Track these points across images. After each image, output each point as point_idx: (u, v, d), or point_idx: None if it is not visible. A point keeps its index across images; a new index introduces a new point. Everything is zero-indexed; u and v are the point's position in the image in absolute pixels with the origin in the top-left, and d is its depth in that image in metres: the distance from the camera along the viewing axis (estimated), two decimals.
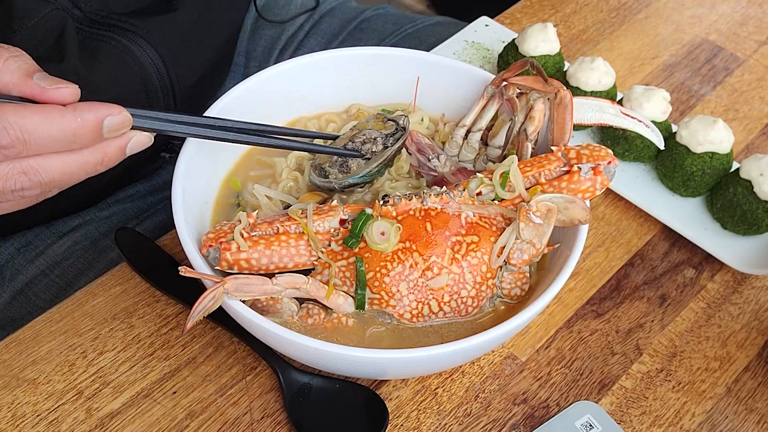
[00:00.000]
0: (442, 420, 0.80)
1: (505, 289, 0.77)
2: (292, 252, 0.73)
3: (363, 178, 0.80)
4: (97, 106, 0.63)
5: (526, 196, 0.75)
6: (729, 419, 0.82)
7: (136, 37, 0.94)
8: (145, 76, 0.95)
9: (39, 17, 0.87)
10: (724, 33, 1.28)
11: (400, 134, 0.82)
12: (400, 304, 0.73)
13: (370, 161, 0.80)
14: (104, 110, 0.63)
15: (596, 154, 0.77)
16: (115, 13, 0.94)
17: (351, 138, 0.82)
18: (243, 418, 0.78)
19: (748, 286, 0.94)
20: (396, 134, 0.82)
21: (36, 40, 0.87)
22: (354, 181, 0.80)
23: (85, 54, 0.91)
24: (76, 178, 0.65)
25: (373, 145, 0.81)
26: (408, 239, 0.73)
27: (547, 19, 1.27)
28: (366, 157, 0.81)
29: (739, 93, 1.18)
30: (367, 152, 0.81)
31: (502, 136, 0.85)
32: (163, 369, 0.81)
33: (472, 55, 1.16)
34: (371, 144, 0.81)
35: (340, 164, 0.81)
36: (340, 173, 0.81)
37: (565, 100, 0.81)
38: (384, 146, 0.81)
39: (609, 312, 0.90)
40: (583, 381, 0.84)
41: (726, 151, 0.97)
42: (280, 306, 0.73)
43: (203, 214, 0.82)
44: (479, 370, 0.83)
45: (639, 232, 0.98)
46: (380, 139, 0.81)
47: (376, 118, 0.84)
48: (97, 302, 0.85)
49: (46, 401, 0.78)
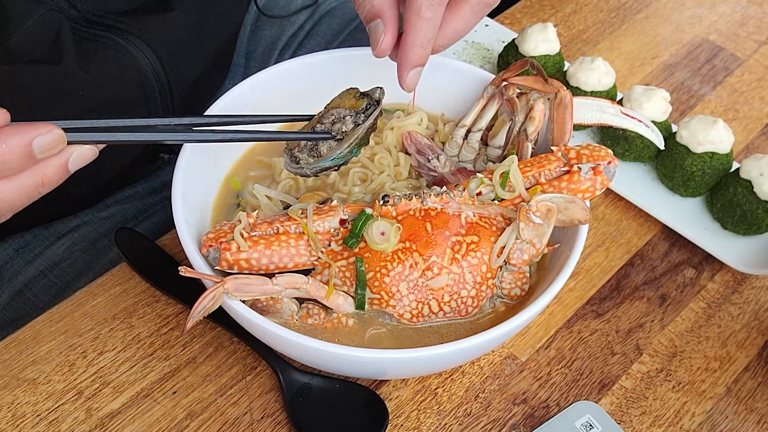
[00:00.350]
0: (442, 420, 0.80)
1: (505, 289, 0.77)
2: (292, 252, 0.73)
3: (334, 161, 0.76)
4: (23, 129, 0.59)
5: (526, 196, 0.75)
6: (729, 419, 0.82)
7: (133, 37, 0.94)
8: (142, 77, 0.95)
9: (35, 19, 0.86)
10: (724, 33, 1.28)
11: (372, 109, 0.77)
12: (400, 304, 0.73)
13: (341, 142, 0.76)
14: (31, 132, 0.59)
15: (596, 154, 0.77)
16: (111, 12, 0.94)
17: (320, 118, 0.78)
18: (243, 418, 0.78)
19: (748, 286, 0.94)
20: (368, 111, 0.77)
21: (32, 42, 0.87)
22: (325, 165, 0.76)
23: (82, 55, 0.90)
24: (20, 204, 0.62)
25: (342, 125, 0.76)
26: (408, 239, 0.73)
27: (547, 19, 1.27)
28: (338, 138, 0.76)
29: (739, 93, 1.18)
30: (338, 132, 0.76)
31: (502, 136, 0.85)
32: (163, 369, 0.81)
33: (472, 55, 1.16)
34: (341, 123, 0.76)
35: (311, 148, 0.76)
36: (310, 158, 0.76)
37: (565, 100, 0.81)
38: (355, 124, 0.76)
39: (609, 312, 0.90)
40: (583, 381, 0.84)
41: (726, 151, 0.97)
42: (280, 306, 0.73)
43: (203, 214, 0.82)
44: (479, 370, 0.83)
45: (639, 232, 0.98)
46: (350, 117, 0.76)
47: (348, 94, 0.79)
48: (97, 302, 0.85)
49: (46, 401, 0.78)
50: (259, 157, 0.89)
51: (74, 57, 0.89)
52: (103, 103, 0.93)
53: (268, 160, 0.88)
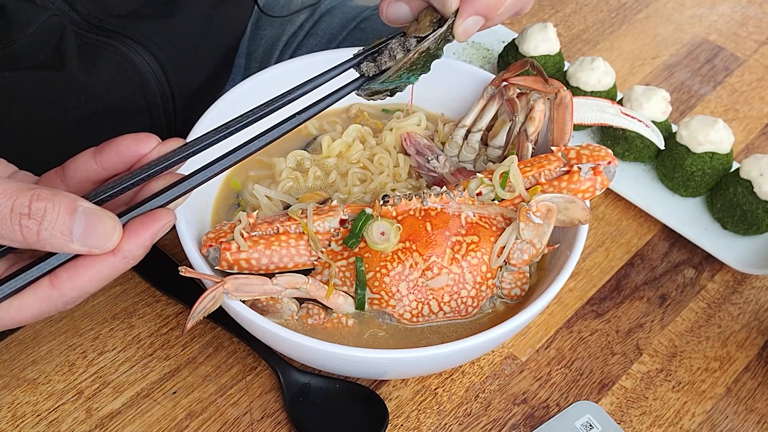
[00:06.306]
0: (442, 420, 0.80)
1: (505, 289, 0.77)
2: (292, 252, 0.73)
3: (383, 85, 0.71)
4: (142, 239, 0.56)
5: (526, 196, 0.75)
6: (729, 419, 0.82)
7: (134, 43, 0.94)
8: (143, 83, 0.95)
9: (37, 25, 0.86)
10: (724, 33, 1.28)
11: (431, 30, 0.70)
12: (400, 304, 0.73)
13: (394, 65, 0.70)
14: (149, 239, 0.57)
15: (596, 154, 0.77)
16: (112, 16, 0.94)
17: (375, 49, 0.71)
18: (243, 418, 0.78)
19: (748, 286, 0.94)
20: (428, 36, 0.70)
21: (35, 48, 0.87)
22: (375, 88, 0.71)
23: (84, 60, 0.90)
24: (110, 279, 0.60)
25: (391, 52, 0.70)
26: (408, 239, 0.73)
27: (547, 19, 1.27)
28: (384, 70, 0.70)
29: (739, 93, 1.18)
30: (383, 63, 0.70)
31: (503, 137, 0.85)
32: (163, 369, 0.81)
33: (472, 55, 1.16)
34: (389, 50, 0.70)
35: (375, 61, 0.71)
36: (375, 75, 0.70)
37: (565, 100, 0.81)
38: (406, 50, 0.70)
39: (609, 312, 0.90)
40: (583, 381, 0.84)
41: (726, 151, 0.97)
42: (280, 306, 0.73)
43: (203, 214, 0.82)
44: (479, 370, 0.83)
45: (639, 232, 0.98)
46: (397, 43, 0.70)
47: (425, 16, 0.72)
48: (97, 302, 0.85)
49: (46, 401, 0.78)
50: (260, 157, 0.89)
51: (76, 63, 0.89)
52: (104, 109, 0.93)
53: (268, 160, 0.88)
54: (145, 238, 0.56)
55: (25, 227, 0.52)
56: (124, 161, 0.60)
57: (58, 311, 0.57)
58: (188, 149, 0.61)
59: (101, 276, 0.56)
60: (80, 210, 0.53)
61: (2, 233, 0.52)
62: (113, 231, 0.55)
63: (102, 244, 0.54)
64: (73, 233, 0.53)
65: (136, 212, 0.58)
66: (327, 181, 0.86)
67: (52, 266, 0.55)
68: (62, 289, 0.55)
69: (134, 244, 0.56)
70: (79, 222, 0.53)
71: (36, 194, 0.52)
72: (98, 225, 0.54)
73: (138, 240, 0.56)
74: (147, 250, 0.57)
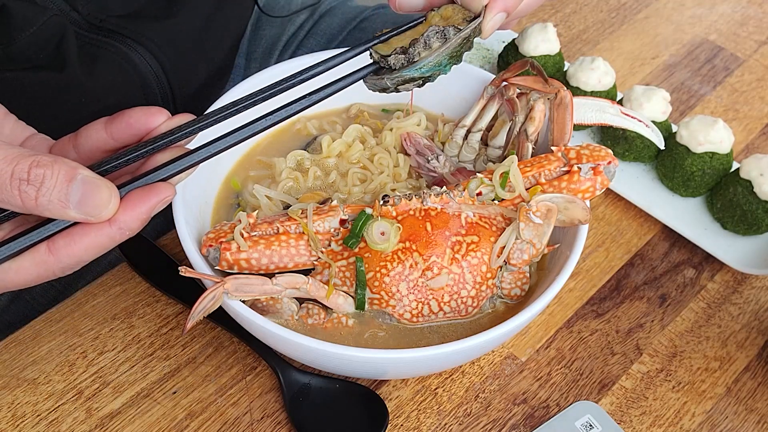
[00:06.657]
0: (442, 420, 0.80)
1: (505, 289, 0.77)
2: (292, 252, 0.73)
3: (418, 71, 0.70)
4: (139, 212, 0.57)
5: (526, 196, 0.75)
6: (729, 419, 0.82)
7: (135, 43, 0.94)
8: (144, 83, 0.95)
9: (38, 25, 0.86)
10: (724, 33, 1.28)
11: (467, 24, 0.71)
12: (400, 304, 0.73)
13: (430, 52, 0.70)
14: (146, 212, 0.57)
15: (596, 154, 0.77)
16: (112, 16, 0.94)
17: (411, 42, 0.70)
18: (243, 418, 0.78)
19: (748, 286, 0.94)
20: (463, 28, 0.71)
21: (36, 48, 0.87)
22: (409, 75, 0.70)
23: (85, 61, 0.90)
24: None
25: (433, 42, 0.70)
26: (408, 239, 0.73)
27: (547, 19, 1.27)
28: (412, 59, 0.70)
29: (739, 93, 1.18)
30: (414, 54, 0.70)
31: (503, 137, 0.85)
32: (163, 369, 0.81)
33: (471, 55, 1.16)
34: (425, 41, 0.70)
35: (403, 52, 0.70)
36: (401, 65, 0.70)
37: (565, 100, 0.81)
38: (444, 39, 0.70)
39: (609, 312, 0.90)
40: (583, 381, 0.84)
41: (726, 151, 0.97)
42: (280, 306, 0.73)
43: (203, 214, 0.82)
44: (479, 370, 0.83)
45: (639, 232, 0.98)
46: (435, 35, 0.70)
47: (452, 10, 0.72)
48: (97, 302, 0.85)
49: (46, 401, 0.78)
50: (260, 157, 0.89)
51: (77, 63, 0.89)
52: (105, 109, 0.93)
53: (268, 160, 0.88)
54: (142, 211, 0.57)
55: (23, 192, 0.53)
56: (133, 133, 0.61)
57: (55, 276, 0.58)
58: (197, 123, 0.61)
59: (97, 245, 0.57)
60: (79, 178, 0.54)
61: (3, 198, 0.54)
62: (108, 200, 0.55)
63: (98, 213, 0.55)
64: (70, 200, 0.54)
65: (136, 184, 0.58)
66: (327, 181, 0.86)
67: (50, 232, 0.56)
68: (59, 255, 0.56)
69: (130, 216, 0.57)
70: (76, 189, 0.54)
71: (36, 161, 0.53)
72: (95, 193, 0.55)
73: (135, 212, 0.57)
74: (144, 223, 0.58)
